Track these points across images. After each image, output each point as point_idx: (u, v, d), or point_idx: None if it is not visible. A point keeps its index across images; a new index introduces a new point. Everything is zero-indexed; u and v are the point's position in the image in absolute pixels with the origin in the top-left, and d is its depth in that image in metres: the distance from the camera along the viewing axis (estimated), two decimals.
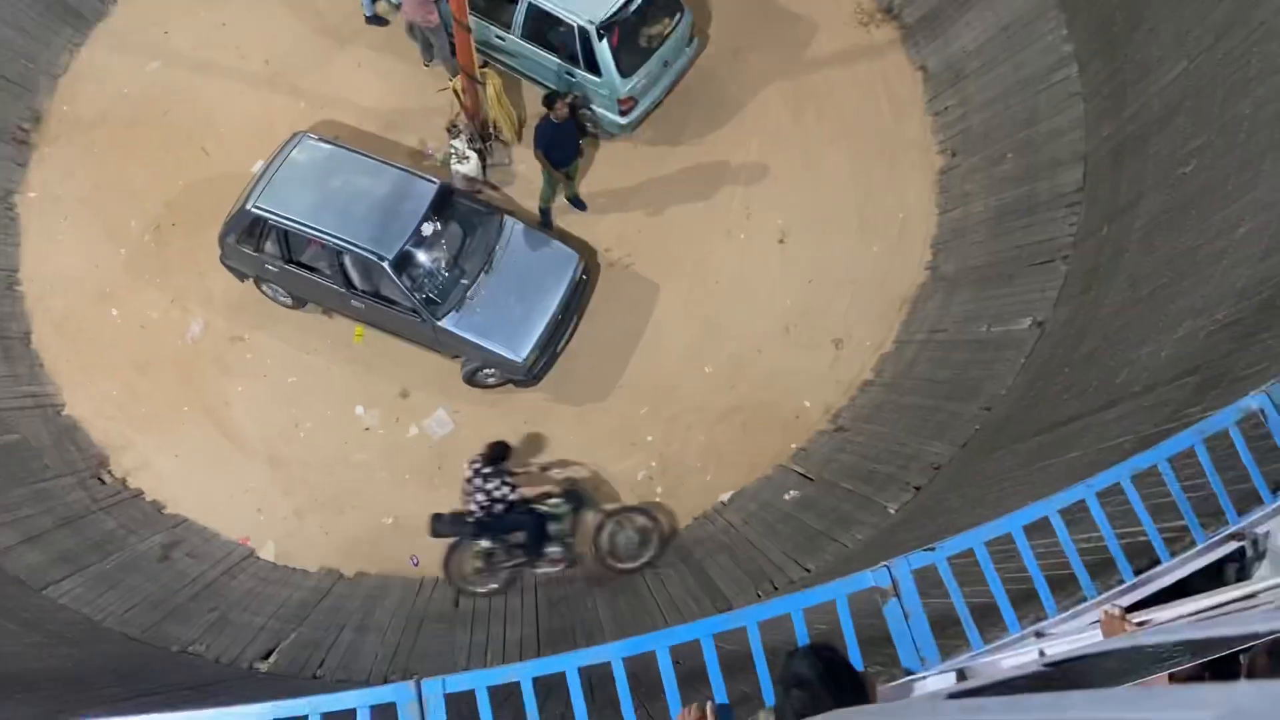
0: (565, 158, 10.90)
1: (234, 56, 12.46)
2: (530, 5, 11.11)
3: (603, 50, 10.94)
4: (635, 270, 11.45)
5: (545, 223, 11.43)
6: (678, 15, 11.50)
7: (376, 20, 12.64)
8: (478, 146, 11.55)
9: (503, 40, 11.61)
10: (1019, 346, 9.93)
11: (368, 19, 12.61)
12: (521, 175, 11.81)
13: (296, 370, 11.09)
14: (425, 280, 10.33)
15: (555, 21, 11.08)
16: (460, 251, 10.60)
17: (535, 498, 9.87)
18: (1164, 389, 6.97)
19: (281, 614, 9.74)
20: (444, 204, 10.51)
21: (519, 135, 11.89)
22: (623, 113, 11.42)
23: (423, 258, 10.35)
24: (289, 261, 10.49)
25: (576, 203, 11.65)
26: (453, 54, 11.29)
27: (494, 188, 11.81)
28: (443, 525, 9.66)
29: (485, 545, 9.74)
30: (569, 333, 10.94)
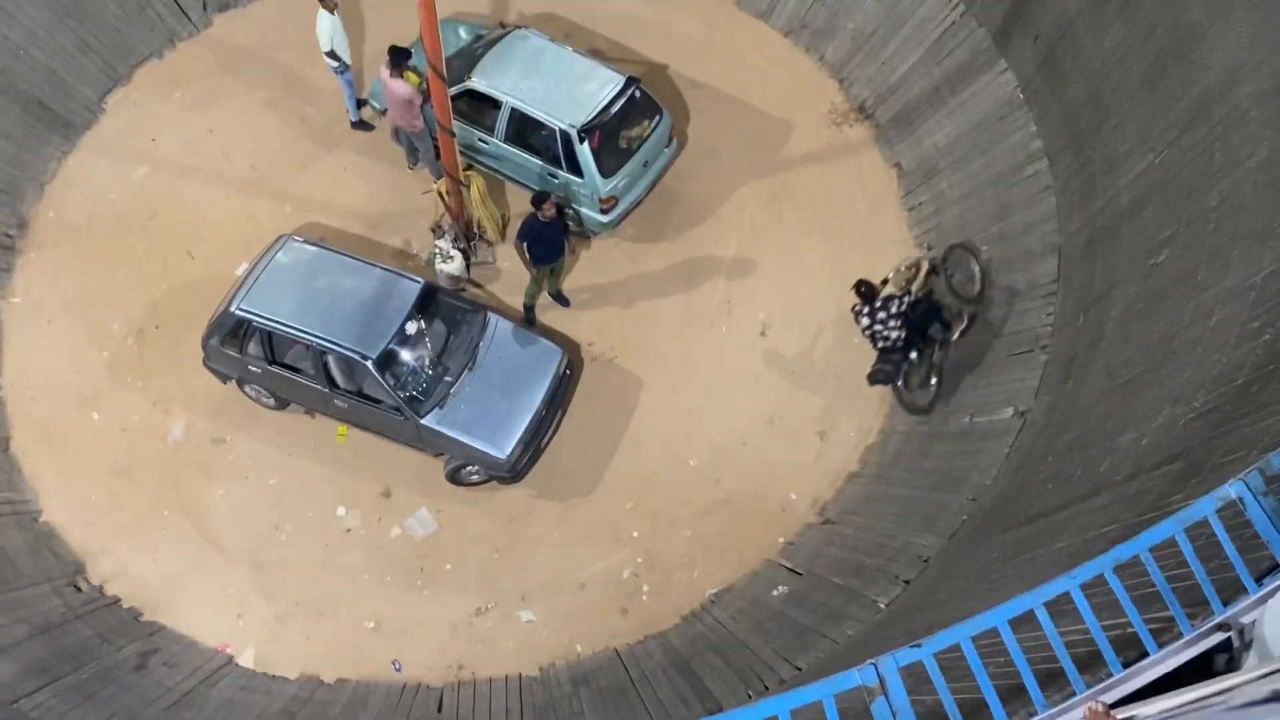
0: (549, 254, 11.03)
1: (221, 161, 12.65)
2: (513, 110, 11.40)
3: (584, 152, 11.19)
4: (619, 364, 11.50)
5: (529, 319, 11.53)
6: (656, 118, 11.82)
7: (362, 125, 12.89)
8: (462, 246, 11.70)
9: (486, 144, 11.86)
10: (1002, 436, 9.96)
11: (353, 124, 12.86)
12: (506, 272, 11.94)
13: (278, 472, 11.00)
14: (409, 378, 10.34)
15: (537, 125, 11.35)
16: (444, 349, 10.64)
17: (906, 292, 10.39)
18: (1146, 477, 6.98)
19: None
20: (428, 302, 10.58)
21: (503, 234, 12.07)
22: (604, 211, 11.63)
23: (406, 356, 10.37)
24: (272, 362, 10.50)
25: (560, 299, 11.76)
26: (437, 157, 11.49)
27: (478, 286, 11.92)
28: (883, 372, 10.45)
29: (914, 357, 10.33)
30: (553, 428, 10.92)
